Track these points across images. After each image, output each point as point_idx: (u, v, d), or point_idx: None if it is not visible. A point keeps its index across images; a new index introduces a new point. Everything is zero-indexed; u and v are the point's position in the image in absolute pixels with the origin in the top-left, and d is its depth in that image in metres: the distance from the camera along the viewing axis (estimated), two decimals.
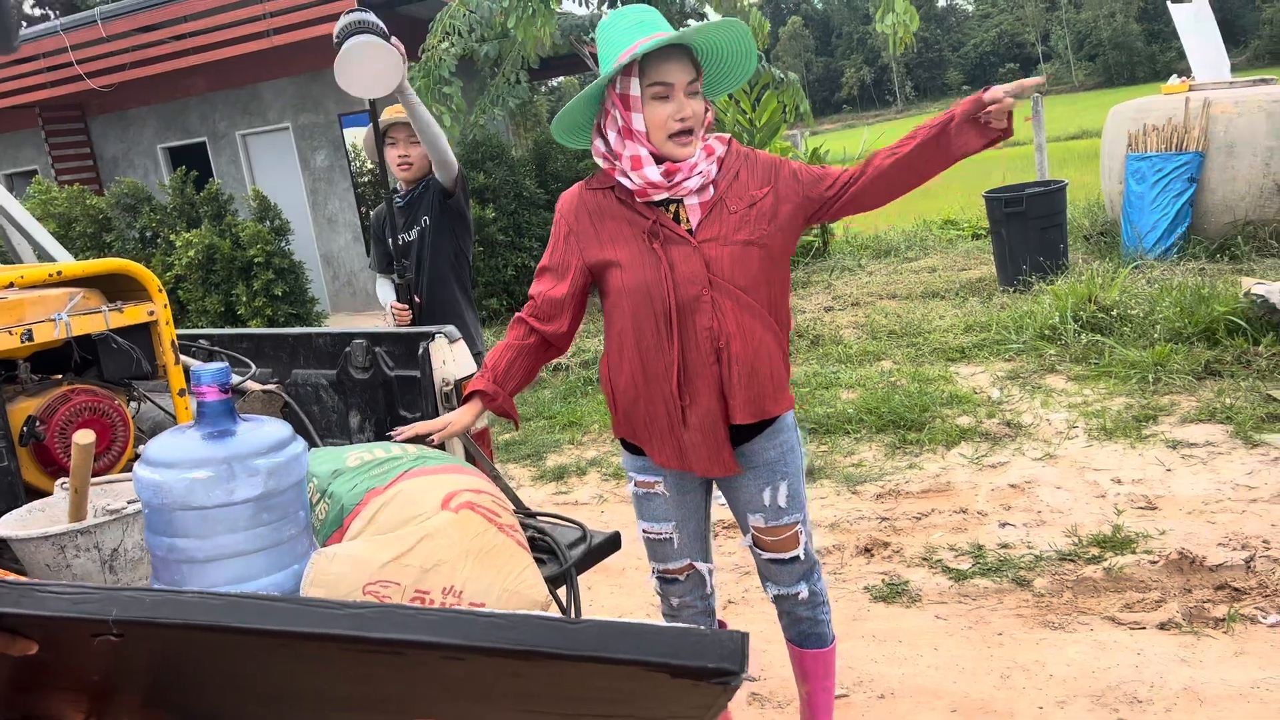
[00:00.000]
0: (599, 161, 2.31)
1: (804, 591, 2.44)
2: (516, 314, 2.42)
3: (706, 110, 2.29)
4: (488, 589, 1.88)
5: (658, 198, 2.26)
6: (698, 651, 0.96)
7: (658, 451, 2.34)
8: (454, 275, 3.87)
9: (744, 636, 0.97)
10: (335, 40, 3.28)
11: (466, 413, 2.32)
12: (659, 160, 2.24)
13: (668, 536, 2.43)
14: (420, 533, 1.86)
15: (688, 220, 2.27)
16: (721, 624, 2.73)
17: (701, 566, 2.49)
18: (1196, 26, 8.61)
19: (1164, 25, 51.74)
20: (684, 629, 0.98)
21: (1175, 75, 8.48)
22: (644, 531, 2.47)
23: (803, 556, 2.42)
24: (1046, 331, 6.16)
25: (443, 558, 1.85)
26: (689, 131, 2.22)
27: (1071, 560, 3.62)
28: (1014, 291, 7.54)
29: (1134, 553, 3.60)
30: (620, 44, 2.21)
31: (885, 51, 63.08)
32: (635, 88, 2.19)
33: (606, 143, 2.28)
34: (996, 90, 2.14)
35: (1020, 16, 67.05)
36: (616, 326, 2.33)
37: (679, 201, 2.27)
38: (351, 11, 3.35)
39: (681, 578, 2.49)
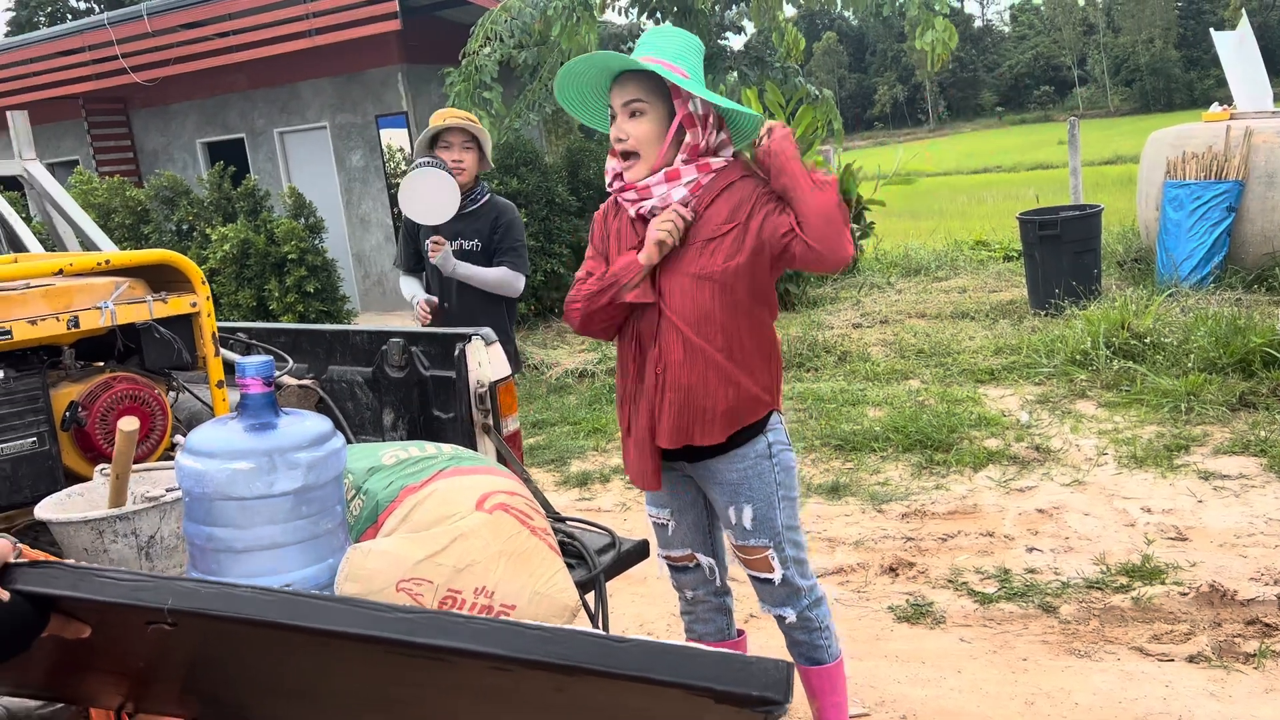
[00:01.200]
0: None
1: (791, 616, 2.46)
2: (568, 298, 2.47)
3: (679, 130, 2.26)
4: (519, 591, 1.88)
5: (632, 213, 2.34)
6: (742, 678, 0.95)
7: (623, 451, 2.52)
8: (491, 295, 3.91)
9: (789, 666, 0.96)
10: (406, 166, 3.65)
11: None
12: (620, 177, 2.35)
13: (665, 522, 2.55)
14: (454, 532, 1.87)
15: None
16: (740, 632, 2.74)
17: (704, 559, 2.57)
18: (1239, 55, 8.53)
19: (1203, 53, 51.33)
20: (728, 654, 0.97)
21: (1217, 103, 8.41)
22: (649, 516, 2.60)
23: (778, 581, 2.42)
24: (1078, 356, 6.11)
25: (476, 558, 1.86)
26: (628, 154, 2.28)
27: (1099, 588, 3.58)
28: (1045, 315, 7.48)
29: (1163, 583, 3.56)
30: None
31: (919, 70, 62.85)
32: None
33: None
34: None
35: (1057, 39, 66.67)
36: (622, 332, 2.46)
37: None
38: (425, 155, 3.76)
39: (689, 565, 2.58)
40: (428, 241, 3.80)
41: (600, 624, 2.31)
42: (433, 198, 3.55)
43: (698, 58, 2.31)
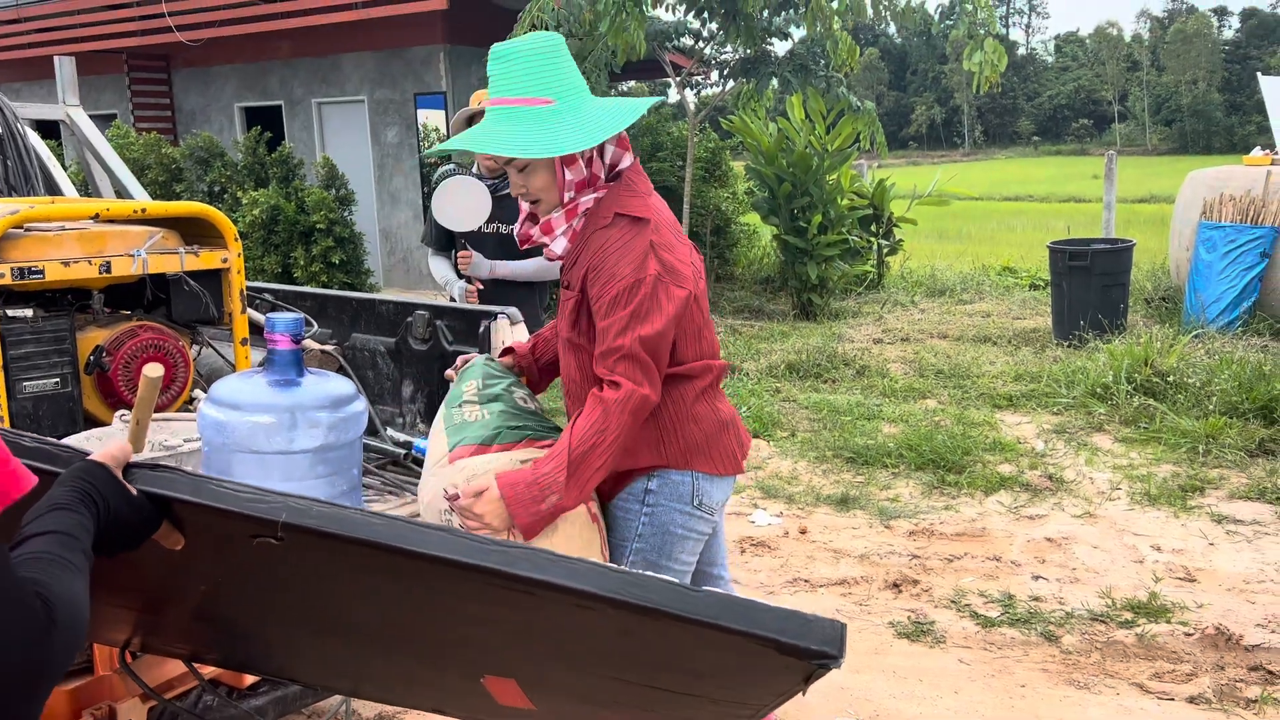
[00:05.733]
0: None
1: None
2: None
3: (561, 182, 2.03)
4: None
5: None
6: (803, 633, 1.03)
7: None
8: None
9: (844, 626, 1.03)
10: (438, 175, 3.92)
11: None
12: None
13: None
14: None
15: None
16: None
17: None
18: None
19: (1246, 98, 50.89)
20: (792, 611, 1.05)
21: (1259, 148, 8.33)
22: None
23: None
24: (1098, 390, 6.07)
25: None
26: (531, 201, 2.09)
27: (1103, 621, 3.56)
28: (1069, 346, 7.43)
29: (1169, 622, 3.53)
30: None
31: (958, 92, 62.55)
32: None
33: None
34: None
35: (1100, 73, 66.28)
36: None
37: None
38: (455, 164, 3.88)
39: None
40: (457, 256, 3.90)
41: None
42: (465, 204, 3.62)
43: (550, 61, 1.99)
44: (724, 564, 2.46)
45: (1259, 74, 9.39)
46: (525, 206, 2.13)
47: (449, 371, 2.21)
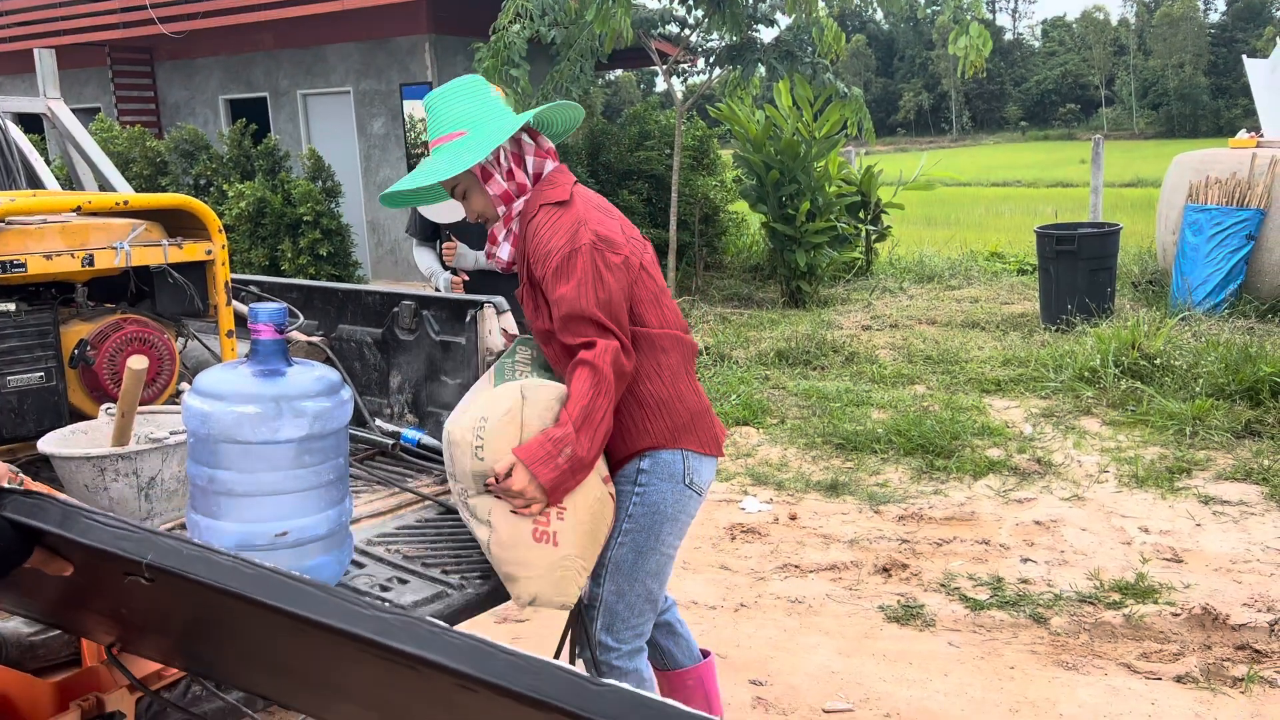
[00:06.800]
0: None
1: (588, 655, 2.24)
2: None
3: (489, 195, 2.18)
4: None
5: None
6: None
7: None
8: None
9: None
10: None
11: None
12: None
13: None
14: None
15: None
16: (706, 653, 2.56)
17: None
18: (1270, 82, 8.48)
19: (1232, 81, 50.99)
20: (706, 718, 0.91)
21: (1244, 130, 8.35)
22: None
23: (587, 609, 2.23)
24: (1086, 373, 6.09)
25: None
26: (486, 222, 2.23)
27: (1091, 603, 3.58)
28: (1056, 330, 7.46)
29: (1156, 603, 3.55)
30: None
31: (946, 78, 62.52)
32: None
33: None
34: None
35: (1087, 58, 66.29)
36: None
37: None
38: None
39: None
40: (441, 247, 3.90)
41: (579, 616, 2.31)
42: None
43: (468, 97, 2.17)
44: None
45: (1244, 57, 9.41)
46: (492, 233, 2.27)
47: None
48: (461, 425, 2.00)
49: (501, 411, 1.99)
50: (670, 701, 0.94)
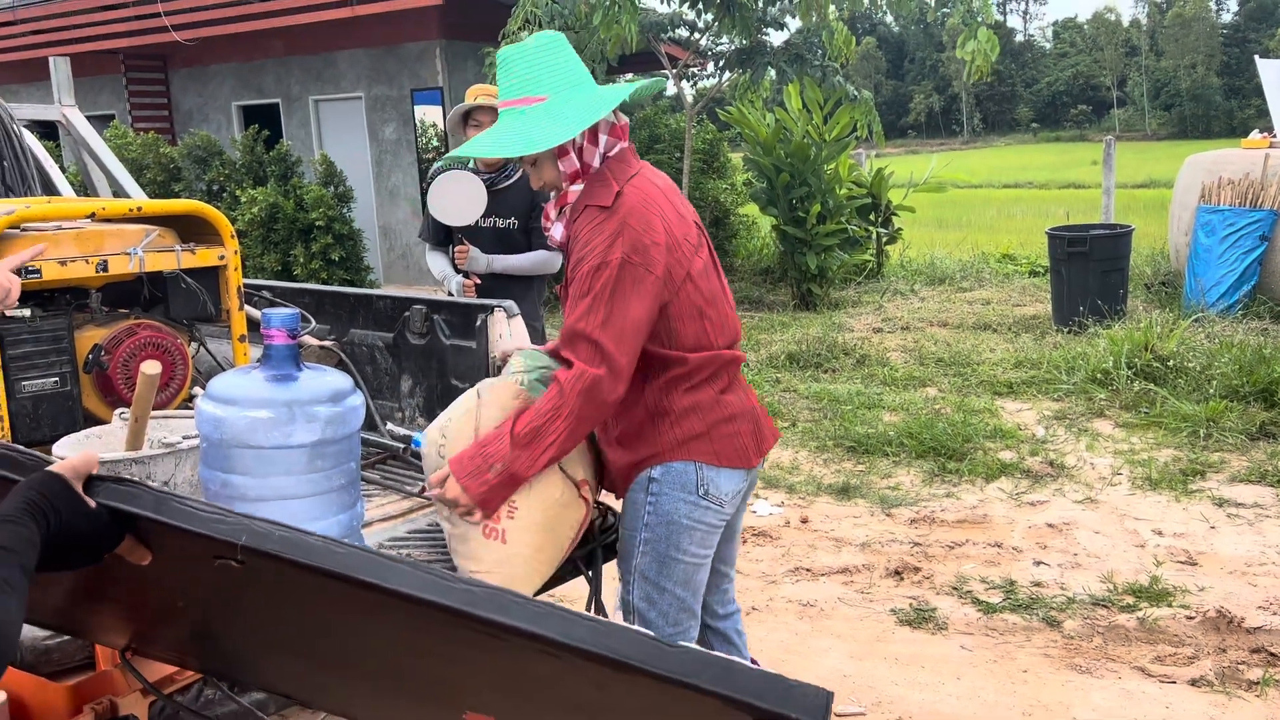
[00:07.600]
0: None
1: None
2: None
3: (560, 170, 2.10)
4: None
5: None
6: (784, 699, 0.95)
7: None
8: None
9: (829, 695, 0.96)
10: (433, 170, 3.94)
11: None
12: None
13: None
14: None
15: None
16: (754, 661, 2.57)
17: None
18: None
19: (1245, 81, 50.70)
20: (774, 675, 0.97)
21: (1256, 131, 8.31)
22: None
23: (622, 607, 2.25)
24: (1098, 375, 6.07)
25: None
26: (551, 192, 2.17)
27: (1105, 606, 3.56)
28: (1068, 332, 7.43)
29: (1170, 606, 3.53)
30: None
31: (956, 80, 62.40)
32: None
33: None
34: None
35: (1098, 59, 66.02)
36: None
37: None
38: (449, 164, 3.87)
39: None
40: (454, 250, 3.90)
41: (594, 595, 2.32)
42: (461, 199, 3.67)
43: (550, 57, 2.06)
44: (734, 562, 2.45)
45: (1257, 57, 9.37)
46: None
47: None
48: (433, 426, 2.06)
49: (461, 411, 2.03)
50: (735, 659, 1.00)
